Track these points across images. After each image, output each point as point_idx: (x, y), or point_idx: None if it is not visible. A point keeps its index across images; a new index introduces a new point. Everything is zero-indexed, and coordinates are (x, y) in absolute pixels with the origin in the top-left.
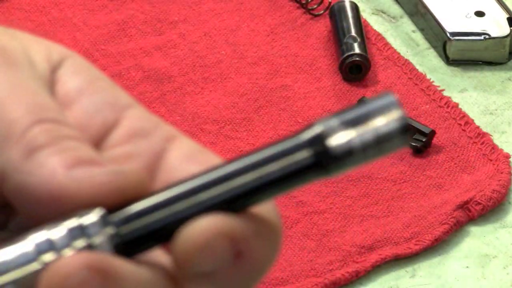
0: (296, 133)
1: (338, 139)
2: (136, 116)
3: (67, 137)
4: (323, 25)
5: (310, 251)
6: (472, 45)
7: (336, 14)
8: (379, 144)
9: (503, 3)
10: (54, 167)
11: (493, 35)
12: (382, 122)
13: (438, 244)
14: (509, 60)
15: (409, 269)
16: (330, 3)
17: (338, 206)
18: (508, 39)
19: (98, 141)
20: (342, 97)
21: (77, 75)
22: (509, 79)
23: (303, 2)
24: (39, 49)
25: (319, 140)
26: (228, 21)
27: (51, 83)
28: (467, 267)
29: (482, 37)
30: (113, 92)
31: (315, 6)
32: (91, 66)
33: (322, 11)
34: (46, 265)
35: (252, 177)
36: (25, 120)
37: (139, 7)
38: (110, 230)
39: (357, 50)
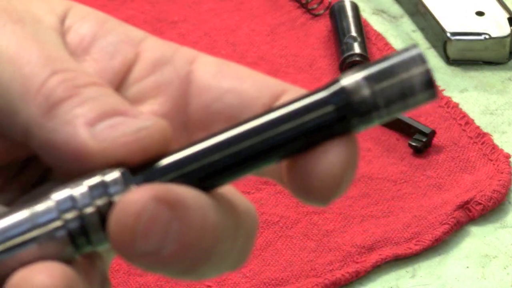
0: (321, 88)
1: (362, 93)
2: (153, 46)
3: (86, 85)
4: (323, 25)
5: (310, 251)
6: (473, 45)
7: (336, 14)
8: (404, 98)
9: (503, 3)
10: (76, 125)
11: (493, 35)
12: (406, 76)
13: (438, 244)
14: (509, 60)
15: (409, 269)
16: (330, 3)
17: (338, 206)
18: (509, 39)
19: (122, 79)
20: None
21: (86, 21)
22: (509, 79)
23: (303, 2)
24: (41, 5)
25: (343, 94)
26: (228, 21)
27: (62, 33)
28: (468, 267)
29: (482, 37)
30: (124, 29)
31: (315, 6)
32: (95, 10)
33: (322, 11)
34: (66, 222)
35: (280, 130)
36: (41, 73)
37: (139, 7)
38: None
39: (357, 50)
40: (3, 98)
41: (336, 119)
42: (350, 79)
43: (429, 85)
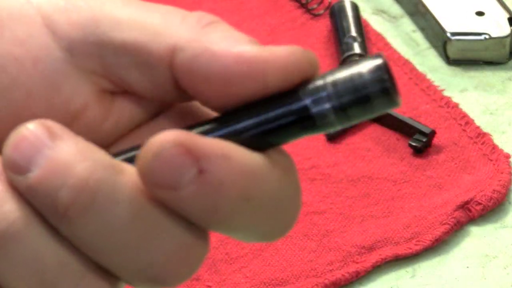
0: (287, 94)
1: (319, 102)
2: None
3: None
4: (323, 25)
5: (310, 251)
6: (473, 45)
7: (336, 14)
8: (360, 105)
9: (503, 3)
10: (239, 38)
11: (493, 35)
12: (362, 83)
13: (438, 244)
14: (509, 60)
15: (410, 269)
16: (330, 3)
17: (338, 206)
18: (509, 39)
19: None
20: None
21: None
22: (510, 79)
23: (303, 2)
24: None
25: (301, 98)
26: (228, 21)
27: None
28: (468, 267)
29: (482, 37)
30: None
31: (315, 6)
32: None
33: (322, 11)
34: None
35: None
36: (181, 10)
37: None
38: None
39: (357, 50)
40: (142, 30)
41: (295, 120)
42: (311, 84)
43: (385, 92)
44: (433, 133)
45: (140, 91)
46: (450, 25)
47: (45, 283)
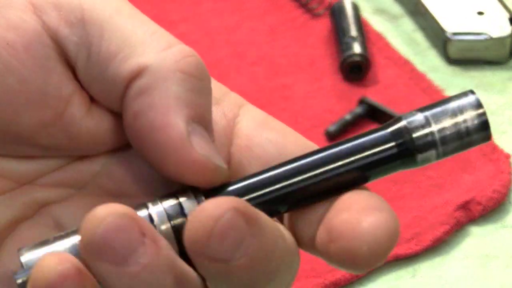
0: (384, 126)
1: (421, 132)
2: None
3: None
4: (323, 25)
5: None
6: (473, 45)
7: (336, 14)
8: (460, 139)
9: (504, 3)
10: (187, 107)
11: (494, 35)
12: (463, 119)
13: (438, 245)
14: (510, 60)
15: (410, 269)
16: (330, 3)
17: None
18: (509, 39)
19: None
20: (343, 97)
21: None
22: (510, 79)
23: (304, 1)
24: None
25: (403, 132)
26: (228, 21)
27: None
28: (468, 267)
29: (483, 37)
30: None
31: (315, 6)
32: None
33: (322, 11)
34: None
35: (345, 167)
36: (163, 33)
37: (139, 7)
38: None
39: (357, 49)
40: (121, 45)
41: (397, 155)
42: (412, 118)
43: (484, 128)
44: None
45: (101, 104)
46: (450, 25)
47: None
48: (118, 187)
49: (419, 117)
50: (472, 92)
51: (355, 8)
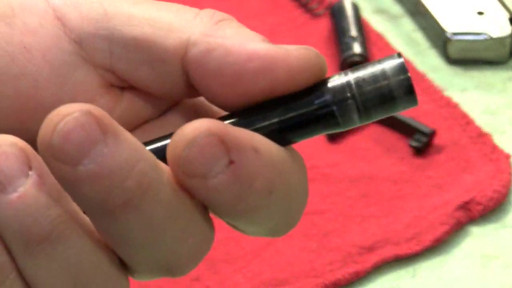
0: (308, 88)
1: (341, 91)
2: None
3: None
4: (323, 25)
5: (310, 252)
6: (473, 45)
7: (336, 14)
8: (383, 100)
9: (504, 3)
10: (252, 36)
11: (494, 35)
12: (386, 81)
13: (438, 245)
14: (510, 60)
15: (410, 269)
16: (330, 2)
17: (339, 206)
18: (509, 39)
19: None
20: None
21: None
22: (510, 79)
23: (304, 1)
24: None
25: (324, 91)
26: None
27: None
28: (468, 267)
29: (483, 37)
30: None
31: (315, 6)
32: None
33: (322, 11)
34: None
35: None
36: (191, 8)
37: None
38: None
39: (357, 49)
40: (155, 26)
41: (319, 116)
42: (334, 78)
43: (408, 91)
44: (433, 133)
45: (148, 87)
46: (450, 25)
47: (77, 284)
48: None
49: (341, 78)
50: (399, 55)
51: (355, 8)
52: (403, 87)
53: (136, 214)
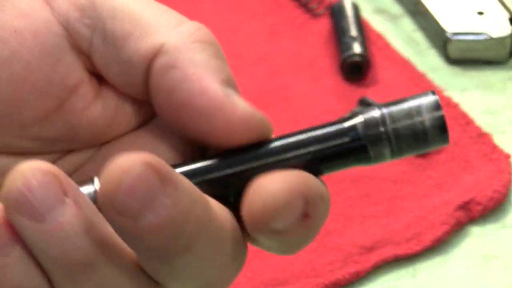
0: (340, 119)
1: (375, 127)
2: None
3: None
4: (323, 25)
5: (310, 251)
6: (473, 45)
7: (336, 14)
8: (416, 139)
9: (504, 3)
10: (217, 71)
11: (494, 35)
12: (421, 118)
13: (439, 245)
14: (510, 60)
15: (410, 269)
16: (330, 2)
17: (339, 206)
18: (509, 39)
19: None
20: (343, 97)
21: None
22: (510, 79)
23: (304, 1)
24: None
25: (357, 126)
26: (228, 21)
27: None
28: (468, 267)
29: (483, 37)
30: None
31: (316, 6)
32: None
33: (322, 11)
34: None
35: (301, 152)
36: (174, 12)
37: None
38: None
39: (357, 49)
40: (136, 24)
41: (350, 149)
42: (368, 113)
43: (441, 130)
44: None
45: (117, 85)
46: (450, 25)
47: None
48: None
49: (375, 113)
50: (433, 93)
51: (355, 8)
52: (437, 125)
53: (191, 255)
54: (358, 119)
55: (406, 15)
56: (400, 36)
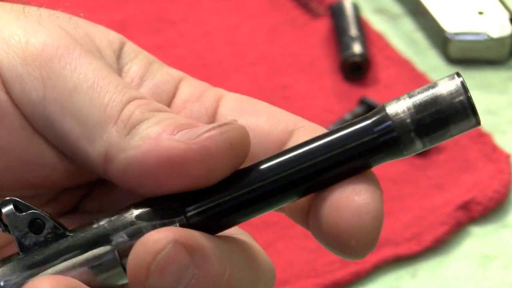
0: (367, 116)
1: (405, 121)
2: (187, 85)
3: (159, 109)
4: (323, 25)
5: (310, 252)
6: (473, 44)
7: (336, 14)
8: (445, 125)
9: (504, 3)
10: (158, 134)
11: (494, 35)
12: (445, 104)
13: (439, 245)
14: (510, 60)
15: (410, 269)
16: (330, 2)
17: None
18: (509, 39)
19: None
20: (343, 96)
21: (135, 63)
22: (510, 79)
23: (304, 1)
24: (101, 37)
25: (387, 122)
26: (228, 21)
27: (117, 70)
28: (468, 267)
29: (483, 37)
30: (166, 70)
31: (316, 6)
32: (142, 50)
33: (322, 11)
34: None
35: (329, 155)
36: (119, 100)
37: (139, 7)
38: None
39: (357, 49)
40: (82, 126)
41: (380, 144)
42: (393, 108)
43: (469, 112)
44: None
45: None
46: (450, 24)
47: None
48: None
49: (401, 106)
50: (458, 75)
51: (355, 8)
52: (460, 108)
53: None
54: (383, 113)
55: (406, 15)
56: (400, 36)
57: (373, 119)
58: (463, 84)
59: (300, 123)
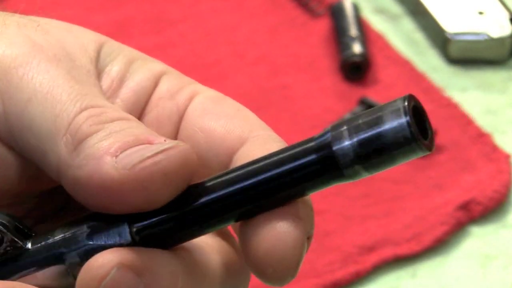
0: (310, 139)
1: (343, 146)
2: (166, 81)
3: (113, 119)
4: (323, 25)
5: (310, 252)
6: (473, 44)
7: (336, 14)
8: (384, 152)
9: (504, 3)
10: (101, 155)
11: (494, 34)
12: (387, 131)
13: (439, 245)
14: (510, 60)
15: (410, 269)
16: (330, 2)
17: (338, 206)
18: (509, 39)
19: (141, 113)
20: (342, 96)
21: (115, 63)
22: (510, 79)
23: (304, 1)
24: (75, 43)
25: (326, 146)
26: (228, 21)
27: (95, 75)
28: (468, 267)
29: (483, 37)
30: (148, 67)
31: (316, 6)
32: (124, 47)
33: (322, 11)
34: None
35: (267, 179)
36: (70, 111)
37: (139, 7)
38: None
39: (357, 49)
40: (36, 138)
41: (322, 168)
42: (336, 132)
43: (410, 139)
44: (433, 133)
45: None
46: (450, 24)
47: None
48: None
49: (343, 132)
50: (404, 100)
51: (355, 8)
52: (401, 134)
53: None
54: (326, 136)
55: (406, 15)
56: (400, 36)
57: (318, 154)
58: (403, 109)
59: (256, 131)
